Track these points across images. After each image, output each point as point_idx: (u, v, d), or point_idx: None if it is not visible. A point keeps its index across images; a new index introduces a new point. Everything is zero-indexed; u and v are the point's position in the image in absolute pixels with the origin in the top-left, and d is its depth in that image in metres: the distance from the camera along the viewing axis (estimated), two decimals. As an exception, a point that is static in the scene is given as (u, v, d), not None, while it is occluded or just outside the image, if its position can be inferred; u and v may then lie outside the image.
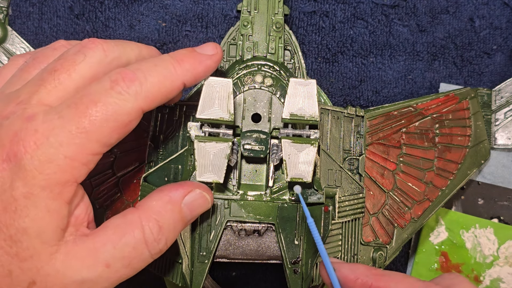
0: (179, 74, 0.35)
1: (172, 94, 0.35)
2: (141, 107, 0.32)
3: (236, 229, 0.44)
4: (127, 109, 0.32)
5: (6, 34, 0.51)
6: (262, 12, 0.47)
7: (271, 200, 0.43)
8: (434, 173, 0.48)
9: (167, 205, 0.35)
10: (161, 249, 0.34)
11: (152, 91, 0.33)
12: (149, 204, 0.34)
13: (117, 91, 0.31)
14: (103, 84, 0.31)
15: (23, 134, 0.30)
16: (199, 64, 0.36)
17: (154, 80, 0.33)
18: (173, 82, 0.34)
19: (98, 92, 0.31)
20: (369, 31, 0.54)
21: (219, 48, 0.38)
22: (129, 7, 0.53)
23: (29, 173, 0.29)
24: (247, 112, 0.44)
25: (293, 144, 0.40)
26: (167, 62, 0.34)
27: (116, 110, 0.31)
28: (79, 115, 0.30)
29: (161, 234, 0.34)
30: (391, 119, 0.49)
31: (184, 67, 0.35)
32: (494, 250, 0.52)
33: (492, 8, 0.54)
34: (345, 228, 0.45)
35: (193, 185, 0.37)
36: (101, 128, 0.31)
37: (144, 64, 0.33)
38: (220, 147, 0.39)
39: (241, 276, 0.53)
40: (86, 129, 0.30)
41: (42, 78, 0.32)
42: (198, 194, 0.37)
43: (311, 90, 0.41)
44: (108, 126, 0.31)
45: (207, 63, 0.37)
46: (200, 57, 0.36)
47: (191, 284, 0.42)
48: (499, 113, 0.51)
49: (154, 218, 0.33)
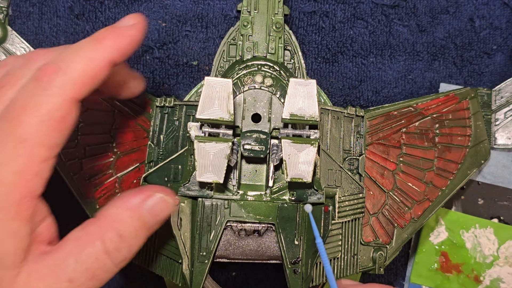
0: (103, 52, 0.33)
1: (102, 75, 0.33)
2: (73, 97, 0.31)
3: (236, 229, 0.44)
4: (58, 103, 0.30)
5: (6, 34, 0.51)
6: (262, 12, 0.47)
7: (271, 200, 0.43)
8: (434, 173, 0.48)
9: (127, 212, 0.33)
10: (125, 257, 0.33)
11: (79, 77, 0.31)
12: (108, 212, 0.33)
13: (42, 88, 0.30)
14: (28, 86, 0.30)
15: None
16: (122, 38, 0.34)
17: (78, 66, 0.31)
18: (98, 62, 0.33)
19: (25, 95, 0.30)
20: (369, 31, 0.54)
21: (140, 17, 0.35)
22: (129, 7, 0.53)
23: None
24: (247, 112, 0.44)
25: (293, 144, 0.40)
26: (88, 44, 0.33)
27: (47, 107, 0.30)
28: (13, 126, 0.29)
29: (123, 242, 0.32)
30: (391, 119, 0.49)
31: (106, 44, 0.33)
32: (494, 250, 0.52)
33: (492, 8, 0.54)
34: (345, 228, 0.45)
35: (153, 189, 0.35)
36: (40, 131, 0.29)
37: (65, 52, 0.32)
38: (220, 147, 0.39)
39: (241, 276, 0.53)
40: (25, 137, 0.29)
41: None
42: (159, 199, 0.35)
43: (311, 90, 0.41)
44: (46, 127, 0.30)
45: (129, 34, 0.34)
46: (120, 30, 0.34)
47: (191, 284, 0.42)
48: (499, 113, 0.51)
49: (114, 227, 0.32)
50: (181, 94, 0.53)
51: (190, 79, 0.53)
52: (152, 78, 0.53)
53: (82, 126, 0.47)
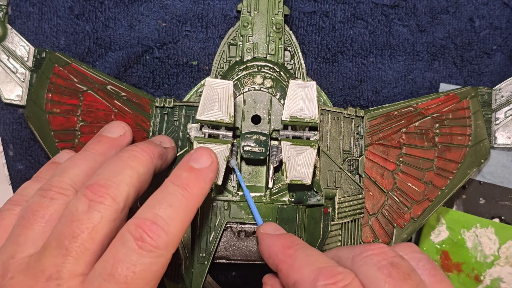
0: (192, 202, 0.34)
1: (191, 220, 0.34)
2: (172, 252, 0.32)
3: (235, 230, 0.44)
4: (162, 263, 0.31)
5: (5, 32, 0.51)
6: (262, 13, 0.47)
7: (270, 202, 0.43)
8: (434, 173, 0.48)
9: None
10: None
11: (178, 234, 0.32)
12: None
13: (147, 250, 0.30)
14: (130, 245, 0.30)
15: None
16: (204, 183, 0.35)
17: (176, 223, 0.32)
18: (190, 212, 0.34)
19: (128, 256, 0.30)
20: (369, 31, 0.54)
21: (213, 155, 0.37)
22: (129, 7, 0.53)
23: None
24: (247, 113, 0.44)
25: (292, 146, 0.40)
26: (177, 195, 0.33)
27: (155, 269, 0.31)
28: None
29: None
30: (391, 119, 0.49)
31: (193, 192, 0.34)
32: (495, 249, 0.52)
33: (492, 8, 0.54)
34: (344, 229, 0.45)
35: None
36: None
37: (158, 207, 0.32)
38: (219, 148, 0.39)
39: (241, 276, 0.53)
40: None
41: (63, 246, 0.31)
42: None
43: (311, 92, 0.41)
44: (150, 285, 0.31)
45: (210, 178, 0.36)
46: (201, 174, 0.36)
47: (191, 285, 0.42)
48: (499, 112, 0.51)
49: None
50: (181, 94, 0.53)
51: (190, 79, 0.53)
52: (152, 78, 0.53)
53: (82, 125, 0.47)
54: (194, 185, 0.34)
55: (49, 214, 0.33)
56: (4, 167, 0.52)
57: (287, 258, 0.32)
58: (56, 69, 0.48)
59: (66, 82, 0.48)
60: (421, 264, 0.32)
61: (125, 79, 0.53)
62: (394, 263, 0.29)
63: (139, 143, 0.38)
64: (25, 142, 0.52)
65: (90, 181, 0.33)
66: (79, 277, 0.30)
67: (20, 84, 0.50)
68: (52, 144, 0.47)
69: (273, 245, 0.34)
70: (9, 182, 0.53)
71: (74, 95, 0.48)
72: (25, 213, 0.33)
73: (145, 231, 0.31)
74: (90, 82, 0.48)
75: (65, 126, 0.47)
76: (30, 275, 0.30)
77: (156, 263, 0.31)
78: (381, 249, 0.31)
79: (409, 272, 0.29)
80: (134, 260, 0.30)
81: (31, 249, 0.32)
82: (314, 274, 0.29)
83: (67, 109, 0.48)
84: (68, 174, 0.35)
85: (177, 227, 0.32)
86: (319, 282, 0.29)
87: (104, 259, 0.31)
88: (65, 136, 0.47)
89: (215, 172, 0.37)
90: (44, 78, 0.48)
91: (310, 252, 0.32)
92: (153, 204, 0.33)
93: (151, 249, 0.30)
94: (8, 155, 0.53)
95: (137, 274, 0.30)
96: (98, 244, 0.31)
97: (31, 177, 0.38)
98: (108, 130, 0.41)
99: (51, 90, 0.48)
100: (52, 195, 0.34)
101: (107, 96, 0.48)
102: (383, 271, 0.29)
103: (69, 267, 0.30)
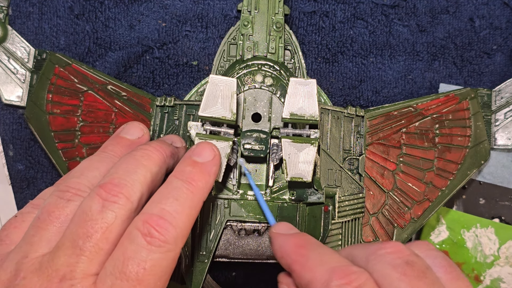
0: (198, 196, 0.34)
1: (197, 214, 0.35)
2: (181, 247, 0.32)
3: (236, 228, 0.44)
4: (172, 257, 0.31)
5: (6, 33, 0.51)
6: (262, 12, 0.47)
7: (271, 200, 0.43)
8: (434, 173, 0.48)
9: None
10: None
11: (185, 227, 0.32)
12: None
13: (157, 245, 0.30)
14: (139, 242, 0.30)
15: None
16: (209, 177, 0.36)
17: (183, 217, 0.32)
18: (196, 206, 0.34)
19: (138, 252, 0.30)
20: (369, 31, 0.54)
21: (215, 148, 0.37)
22: (129, 7, 0.53)
23: None
24: (247, 111, 0.44)
25: (293, 143, 0.40)
26: (182, 189, 0.34)
27: (165, 264, 0.31)
28: (133, 285, 0.30)
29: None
30: (391, 119, 0.49)
31: (198, 185, 0.34)
32: (495, 250, 0.52)
33: (492, 8, 0.54)
34: (345, 228, 0.45)
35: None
36: (156, 285, 0.31)
37: (164, 202, 0.32)
38: (220, 146, 0.39)
39: (241, 276, 0.53)
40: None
41: (76, 245, 0.30)
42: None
43: (311, 89, 0.41)
44: (162, 281, 0.31)
45: (214, 171, 0.36)
46: (205, 167, 0.36)
47: (191, 283, 0.42)
48: (499, 113, 0.51)
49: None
50: (181, 94, 0.53)
51: (190, 79, 0.53)
52: (152, 78, 0.53)
53: (82, 125, 0.47)
54: (198, 179, 0.34)
55: (64, 215, 0.33)
56: (4, 167, 0.52)
57: (299, 258, 0.32)
58: (56, 70, 0.49)
59: (66, 82, 0.48)
60: (437, 262, 0.31)
61: (125, 79, 0.53)
62: (409, 261, 0.29)
63: (151, 142, 0.37)
64: (25, 142, 0.52)
65: (104, 180, 0.33)
66: (92, 277, 0.30)
67: (21, 85, 0.50)
68: (52, 144, 0.47)
69: (285, 244, 0.34)
70: (9, 182, 0.52)
71: (74, 95, 0.48)
72: (41, 214, 0.33)
73: (153, 226, 0.31)
74: (90, 82, 0.48)
75: (65, 126, 0.47)
76: (43, 275, 0.30)
77: (166, 258, 0.31)
78: (396, 247, 0.30)
79: (424, 270, 0.29)
80: (144, 256, 0.30)
81: (44, 248, 0.31)
82: (327, 274, 0.29)
83: (67, 109, 0.48)
84: (87, 176, 0.35)
85: (184, 221, 0.32)
86: (332, 282, 0.28)
87: (114, 257, 0.30)
88: (65, 137, 0.47)
89: (218, 166, 0.37)
90: (44, 79, 0.48)
91: (323, 251, 0.32)
92: (159, 199, 0.33)
93: (160, 244, 0.30)
94: (8, 155, 0.52)
95: (148, 270, 0.30)
96: (111, 244, 0.31)
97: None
98: (127, 131, 0.40)
99: (52, 91, 0.48)
100: (69, 197, 0.33)
101: (107, 96, 0.48)
102: (397, 270, 0.29)
103: (82, 267, 0.30)
